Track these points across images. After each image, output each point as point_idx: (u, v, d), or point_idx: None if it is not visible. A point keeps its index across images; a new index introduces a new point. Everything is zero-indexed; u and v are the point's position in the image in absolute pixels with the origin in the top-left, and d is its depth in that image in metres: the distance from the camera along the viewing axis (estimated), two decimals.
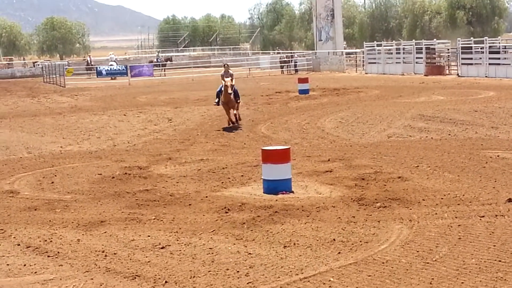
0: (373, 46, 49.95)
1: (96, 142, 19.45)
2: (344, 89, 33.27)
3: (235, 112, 21.21)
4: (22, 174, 14.56)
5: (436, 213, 9.75)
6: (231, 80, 21.21)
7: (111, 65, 55.10)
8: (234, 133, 19.92)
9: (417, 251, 8.06)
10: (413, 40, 49.90)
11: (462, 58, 39.59)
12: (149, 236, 9.23)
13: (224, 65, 22.36)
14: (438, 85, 32.99)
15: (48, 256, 8.50)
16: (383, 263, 7.70)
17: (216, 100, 21.70)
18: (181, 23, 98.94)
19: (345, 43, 66.28)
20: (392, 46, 48.94)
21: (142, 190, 12.25)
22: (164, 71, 55.43)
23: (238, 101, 21.34)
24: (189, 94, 35.10)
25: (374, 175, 12.70)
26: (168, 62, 57.79)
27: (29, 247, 8.96)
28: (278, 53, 63.59)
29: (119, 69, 52.18)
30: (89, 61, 58.88)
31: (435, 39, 47.26)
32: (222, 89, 20.99)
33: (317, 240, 8.70)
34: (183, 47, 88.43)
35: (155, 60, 57.93)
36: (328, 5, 57.39)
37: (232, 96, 20.83)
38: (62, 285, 7.41)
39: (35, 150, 18.15)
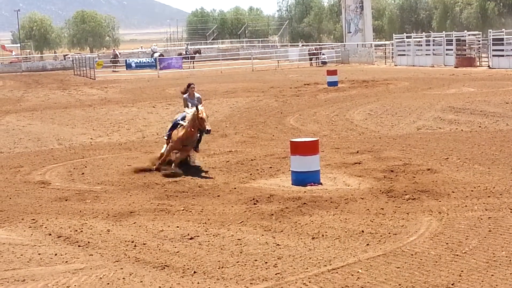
0: (403, 38, 49.56)
1: (125, 133, 19.58)
2: (373, 81, 33.07)
3: (183, 157, 13.61)
4: (53, 165, 14.72)
5: (466, 206, 9.68)
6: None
7: (153, 55, 55.48)
8: (262, 124, 19.92)
9: (447, 243, 8.01)
10: (443, 31, 49.40)
11: (493, 50, 39.14)
12: (178, 226, 9.28)
13: (188, 85, 14.58)
14: (468, 77, 32.66)
15: (79, 246, 8.59)
16: (412, 255, 7.66)
17: (167, 134, 13.96)
18: (210, 15, 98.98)
19: (374, 35, 65.85)
20: (422, 38, 48.50)
21: (171, 181, 12.32)
22: (193, 63, 55.54)
23: (197, 149, 13.86)
24: (217, 86, 35.16)
25: (403, 167, 12.63)
26: (197, 54, 57.87)
27: (60, 236, 9.06)
28: (303, 45, 63.34)
29: (148, 61, 52.41)
30: (116, 55, 59.21)
31: (465, 31, 46.73)
32: (183, 121, 13.53)
33: (346, 231, 8.68)
34: (212, 39, 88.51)
35: (184, 52, 58.08)
36: None
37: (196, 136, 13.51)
38: (93, 274, 7.50)
39: (65, 142, 18.33)
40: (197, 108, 13.15)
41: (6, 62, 70.31)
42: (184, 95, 14.37)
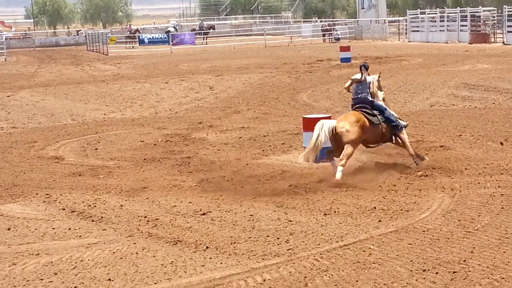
0: (417, 14, 49.20)
1: (138, 109, 19.63)
2: (386, 57, 32.89)
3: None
4: (67, 141, 14.80)
5: (478, 182, 9.66)
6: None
7: (169, 31, 55.46)
8: (275, 101, 19.89)
9: (459, 220, 8.01)
10: (458, 7, 48.99)
11: (508, 26, 38.79)
12: (190, 202, 9.33)
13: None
14: (482, 53, 32.42)
15: (92, 221, 8.66)
16: (423, 231, 7.67)
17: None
18: None
19: (388, 10, 65.36)
20: (436, 13, 48.12)
21: (184, 157, 12.36)
22: (206, 39, 55.43)
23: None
24: (230, 62, 35.09)
25: (416, 143, 12.58)
26: (211, 30, 57.73)
27: (73, 211, 9.14)
28: (316, 21, 62.98)
29: (161, 37, 52.36)
30: (137, 29, 59.18)
31: (480, 7, 46.32)
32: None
33: (358, 208, 8.70)
34: (225, 15, 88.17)
35: (198, 28, 57.96)
36: None
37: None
38: (106, 248, 7.56)
39: (79, 117, 18.40)
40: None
41: (18, 37, 70.35)
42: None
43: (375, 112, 10.80)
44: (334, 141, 10.46)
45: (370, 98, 10.92)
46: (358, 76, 11.10)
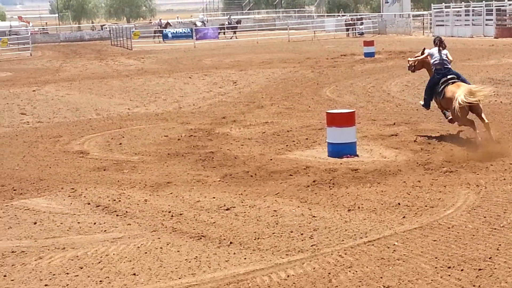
0: (441, 8, 48.80)
1: (162, 104, 19.70)
2: (411, 52, 32.63)
3: None
4: (91, 135, 14.90)
5: (504, 179, 9.57)
6: None
7: (197, 25, 55.91)
8: (298, 96, 19.86)
9: (484, 217, 7.95)
10: (483, 1, 48.53)
11: None
12: (214, 197, 9.35)
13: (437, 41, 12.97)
14: (508, 48, 32.09)
15: (117, 215, 8.72)
16: (448, 228, 7.63)
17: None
18: None
19: (412, 5, 64.91)
20: (461, 7, 47.73)
21: (207, 152, 12.38)
22: (235, 33, 55.50)
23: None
24: (253, 57, 35.09)
25: (441, 139, 12.51)
26: (238, 25, 57.85)
27: (98, 206, 9.20)
28: (342, 15, 62.74)
29: (184, 32, 52.47)
30: (168, 23, 59.46)
31: (506, 0, 45.84)
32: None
33: (382, 204, 8.67)
34: (248, 10, 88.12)
35: (227, 23, 58.05)
36: None
37: None
38: (131, 243, 7.61)
39: (103, 112, 18.51)
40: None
41: (36, 32, 70.83)
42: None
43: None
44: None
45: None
46: (434, 51, 12.85)
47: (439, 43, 12.82)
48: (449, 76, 12.49)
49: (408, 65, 14.24)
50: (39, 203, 9.48)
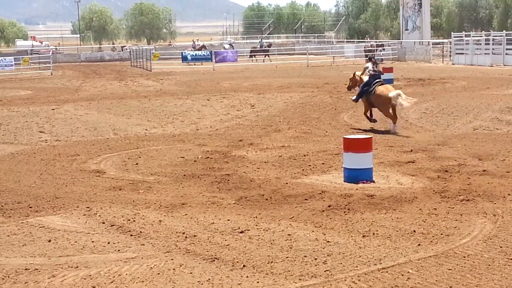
0: (461, 37, 48.75)
1: (179, 125, 19.76)
2: (430, 79, 32.65)
3: None
4: (108, 155, 14.95)
5: None
6: None
7: (224, 47, 56.53)
8: (316, 120, 19.86)
9: (500, 247, 7.86)
10: (504, 30, 48.43)
11: None
12: (228, 220, 9.33)
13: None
14: None
15: (131, 235, 8.71)
16: (464, 257, 7.55)
17: None
18: (266, 10, 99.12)
19: (432, 32, 64.94)
20: (481, 36, 47.65)
21: (223, 174, 12.38)
22: (266, 56, 55.83)
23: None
24: (272, 81, 35.18)
25: (458, 167, 12.45)
26: (269, 48, 58.25)
27: (113, 225, 9.21)
28: (368, 40, 62.76)
29: (204, 54, 52.75)
30: (193, 45, 59.94)
31: None
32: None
33: (397, 231, 8.60)
34: (268, 34, 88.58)
35: (258, 46, 58.36)
36: None
37: None
38: (144, 263, 7.60)
39: (121, 132, 18.59)
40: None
41: (66, 52, 71.62)
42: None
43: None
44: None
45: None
46: (369, 65, 18.61)
47: (373, 60, 19.16)
48: (377, 80, 17.94)
49: (347, 86, 20.22)
50: (54, 221, 9.50)
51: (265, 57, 55.94)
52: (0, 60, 48.95)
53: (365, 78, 18.35)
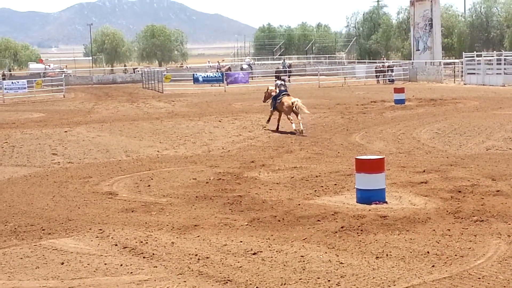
0: (473, 57, 48.75)
1: (191, 147, 19.79)
2: (441, 99, 32.62)
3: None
4: (121, 177, 14.98)
5: None
6: None
7: (242, 68, 57.09)
8: (328, 141, 19.85)
9: None
10: None
11: None
12: (241, 241, 9.31)
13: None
14: None
15: (144, 257, 8.70)
16: (479, 278, 7.49)
17: None
18: (277, 31, 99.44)
19: (443, 53, 64.96)
20: (492, 56, 47.62)
21: (235, 196, 12.37)
22: (290, 77, 55.97)
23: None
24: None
25: (471, 188, 12.38)
26: (290, 68, 58.47)
27: (125, 247, 9.20)
28: (383, 60, 62.75)
29: (215, 76, 52.97)
30: (218, 67, 60.43)
31: None
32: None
33: (411, 252, 8.55)
34: (279, 55, 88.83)
35: (281, 67, 58.60)
36: (426, 15, 56.51)
37: None
38: (156, 286, 7.58)
39: (133, 154, 18.64)
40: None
41: (79, 74, 72.13)
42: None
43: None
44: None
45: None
46: (279, 82, 24.30)
47: (281, 78, 26.22)
48: (283, 92, 23.06)
49: (263, 99, 25.52)
50: (67, 243, 9.51)
51: (288, 77, 56.17)
52: (14, 82, 49.40)
53: (282, 90, 23.36)
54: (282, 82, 24.14)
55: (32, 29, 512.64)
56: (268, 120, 24.00)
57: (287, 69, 57.80)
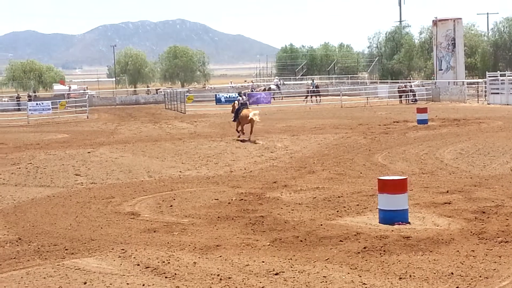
0: (496, 76, 48.45)
1: (213, 167, 19.82)
2: (465, 119, 32.43)
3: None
4: (143, 197, 15.04)
5: None
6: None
7: (270, 88, 57.81)
8: (350, 161, 19.78)
9: None
10: None
11: None
12: (263, 262, 9.28)
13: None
14: None
15: (166, 277, 8.71)
16: None
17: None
18: (299, 51, 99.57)
19: (466, 72, 64.65)
20: None
21: (257, 216, 12.36)
22: (317, 97, 56.18)
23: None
24: (306, 122, 35.24)
25: (496, 208, 12.27)
26: (317, 89, 58.68)
27: (148, 267, 9.21)
28: (410, 79, 62.53)
29: (236, 97, 53.16)
30: (253, 87, 61.00)
31: None
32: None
33: (434, 273, 8.47)
34: (301, 75, 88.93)
35: (312, 87, 58.77)
36: (449, 34, 56.36)
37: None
38: None
39: (155, 174, 18.71)
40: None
41: (102, 95, 72.71)
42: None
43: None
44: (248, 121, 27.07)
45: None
46: (240, 98, 28.99)
47: (241, 94, 30.42)
48: (243, 106, 28.04)
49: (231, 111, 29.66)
50: (90, 263, 9.55)
51: (317, 97, 56.34)
52: (38, 104, 49.89)
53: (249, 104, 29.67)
54: (244, 97, 29.58)
55: (56, 51, 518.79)
56: (237, 130, 28.23)
57: (315, 89, 57.85)
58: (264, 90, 59.99)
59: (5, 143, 29.59)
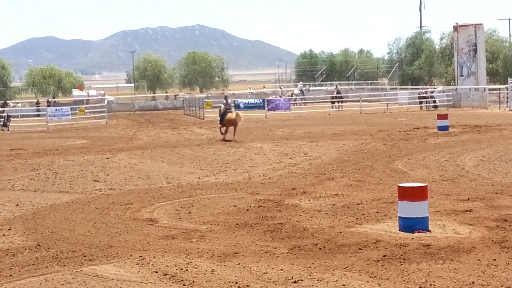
0: None
1: (232, 174, 19.78)
2: (486, 126, 32.17)
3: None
4: (161, 203, 15.02)
5: None
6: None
7: (295, 93, 58.40)
8: (370, 168, 19.66)
9: None
10: None
11: None
12: (282, 269, 9.21)
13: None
14: None
15: (184, 285, 8.66)
16: None
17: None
18: (318, 57, 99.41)
19: (488, 78, 64.18)
20: None
21: (276, 223, 12.29)
22: (339, 103, 56.27)
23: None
24: (325, 128, 35.14)
25: None
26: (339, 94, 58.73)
27: (166, 274, 9.18)
28: (434, 86, 62.19)
29: (256, 102, 53.13)
30: (282, 92, 61.47)
31: None
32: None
33: (455, 282, 8.36)
34: (321, 81, 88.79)
35: (336, 92, 58.73)
36: (470, 40, 56.00)
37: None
38: None
39: (174, 180, 18.70)
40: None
41: (121, 101, 73.02)
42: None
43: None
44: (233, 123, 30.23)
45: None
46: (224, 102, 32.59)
47: (226, 99, 33.68)
48: (228, 110, 31.26)
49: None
50: (108, 270, 9.53)
51: (339, 103, 56.33)
52: (57, 109, 50.21)
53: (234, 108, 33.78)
54: (227, 104, 32.74)
55: (76, 57, 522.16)
56: (221, 133, 30.77)
57: (339, 94, 57.78)
58: (292, 95, 60.26)
59: (25, 148, 29.79)
